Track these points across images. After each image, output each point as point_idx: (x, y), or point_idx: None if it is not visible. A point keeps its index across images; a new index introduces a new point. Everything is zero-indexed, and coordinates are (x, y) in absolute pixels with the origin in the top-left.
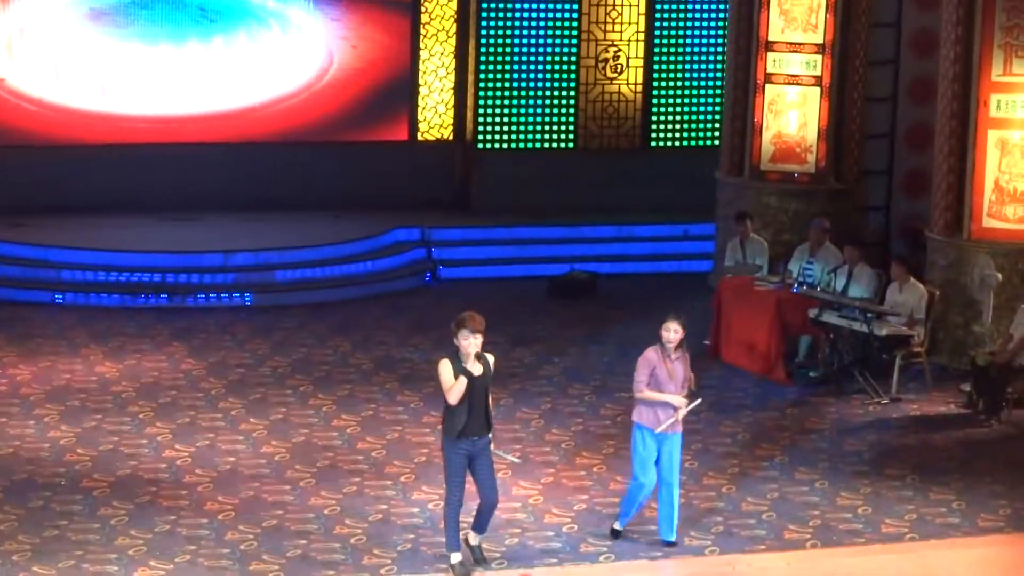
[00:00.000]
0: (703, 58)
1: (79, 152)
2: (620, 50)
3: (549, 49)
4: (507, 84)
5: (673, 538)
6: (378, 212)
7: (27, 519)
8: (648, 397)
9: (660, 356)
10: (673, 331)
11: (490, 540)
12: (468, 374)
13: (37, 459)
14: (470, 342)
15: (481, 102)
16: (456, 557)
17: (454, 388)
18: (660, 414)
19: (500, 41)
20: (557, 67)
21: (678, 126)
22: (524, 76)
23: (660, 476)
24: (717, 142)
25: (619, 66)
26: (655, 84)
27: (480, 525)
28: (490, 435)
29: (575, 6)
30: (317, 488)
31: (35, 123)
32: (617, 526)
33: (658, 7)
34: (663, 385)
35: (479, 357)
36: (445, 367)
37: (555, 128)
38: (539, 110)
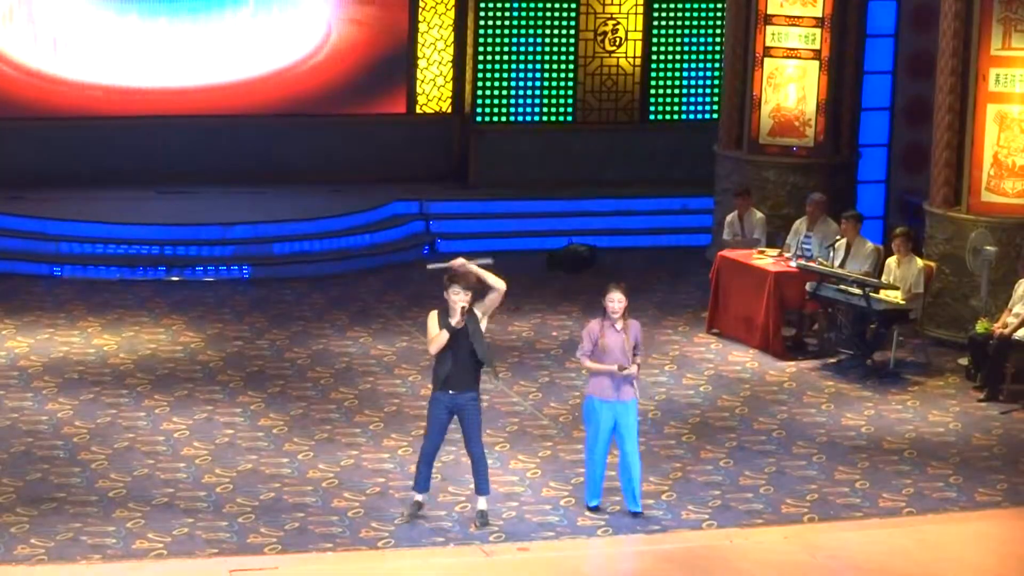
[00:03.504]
0: (702, 31)
1: (78, 124)
2: (619, 23)
3: (548, 22)
4: (506, 57)
5: (639, 508)
6: (376, 185)
7: (25, 491)
8: (588, 367)
9: (601, 327)
10: (617, 301)
11: (488, 513)
12: (450, 328)
13: (35, 431)
14: (460, 296)
15: (480, 75)
16: (415, 497)
17: (436, 339)
18: (606, 383)
19: (499, 14)
20: (556, 40)
21: (677, 99)
22: (523, 49)
23: (619, 446)
24: (716, 115)
25: (618, 39)
26: (654, 57)
27: (479, 485)
28: (478, 393)
29: None
30: (315, 461)
31: (34, 95)
32: (591, 503)
33: None
34: (605, 355)
35: (467, 313)
36: (432, 318)
37: (554, 101)
38: (538, 83)
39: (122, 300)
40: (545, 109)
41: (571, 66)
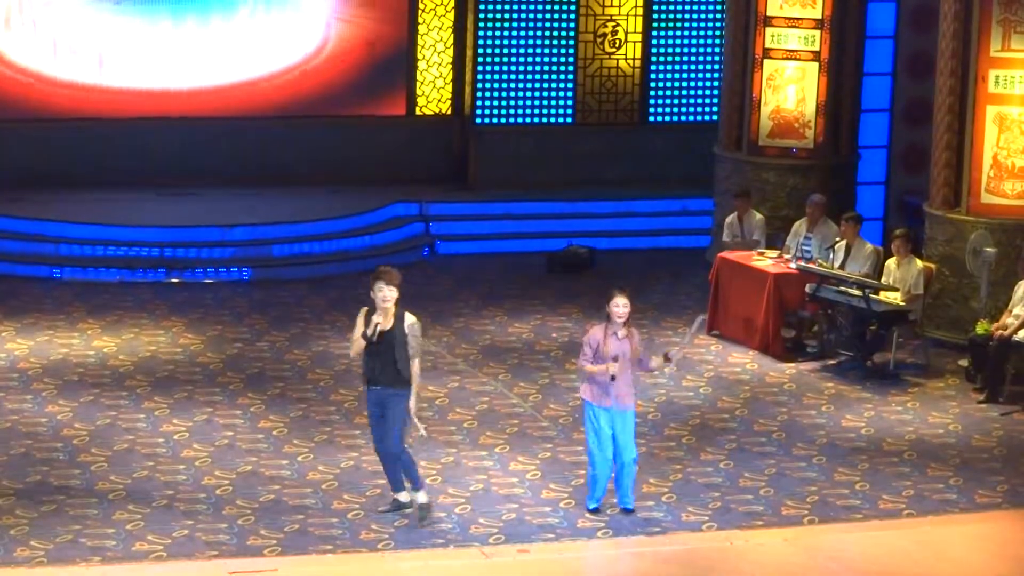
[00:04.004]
0: (702, 33)
1: (77, 126)
2: (619, 25)
3: (547, 23)
4: (505, 59)
5: (630, 506)
6: (376, 186)
7: (24, 493)
8: (588, 371)
9: (604, 334)
10: (622, 306)
11: (488, 516)
12: (366, 336)
13: (35, 433)
14: (383, 294)
15: (479, 76)
16: (401, 496)
17: (353, 344)
18: (599, 390)
19: (498, 15)
20: (555, 42)
21: (676, 101)
22: (522, 51)
23: (616, 452)
24: (715, 117)
25: (617, 41)
26: (653, 59)
27: (390, 481)
28: (407, 392)
29: None
30: (314, 463)
31: (33, 97)
32: (590, 506)
33: None
34: (605, 362)
35: (395, 314)
36: (359, 317)
37: (553, 103)
38: (537, 85)
39: (122, 302)
40: (545, 111)
41: (571, 68)
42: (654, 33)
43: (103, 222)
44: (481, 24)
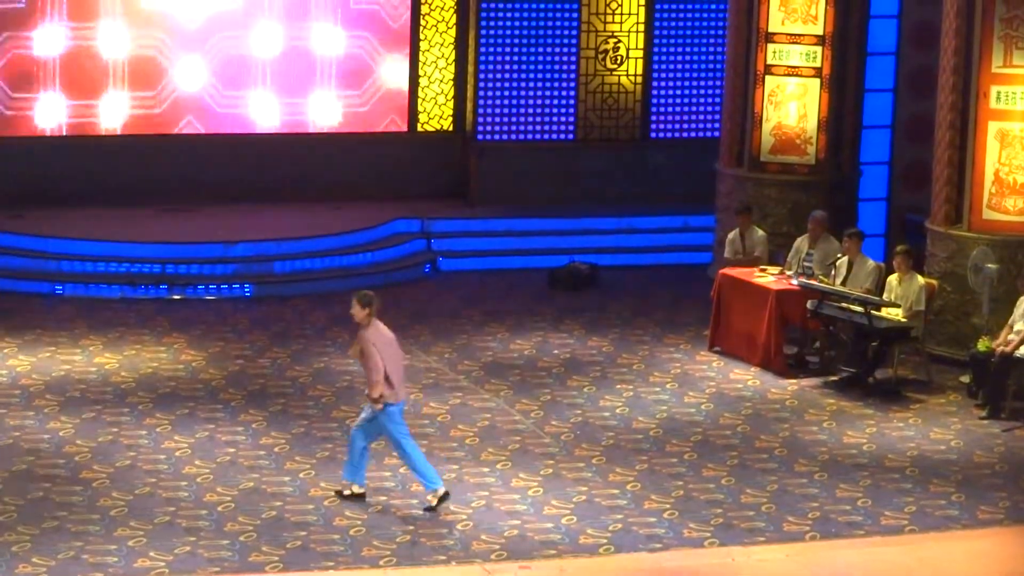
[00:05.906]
0: (703, 49)
1: (78, 143)
2: (620, 41)
3: (549, 40)
4: (507, 75)
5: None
6: (378, 203)
7: (26, 510)
8: None
9: None
10: (350, 309)
11: (490, 532)
12: None
13: (36, 450)
14: None
15: (481, 93)
16: None
17: None
18: None
19: (500, 32)
20: (557, 58)
21: (678, 117)
22: (524, 67)
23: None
24: (717, 133)
25: (619, 57)
26: (655, 75)
27: None
28: None
29: None
30: (316, 479)
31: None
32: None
33: None
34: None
35: None
36: None
37: (555, 119)
38: (539, 101)
39: (123, 318)
40: (546, 127)
41: (572, 84)
42: (656, 49)
43: (105, 238)
44: (483, 40)
